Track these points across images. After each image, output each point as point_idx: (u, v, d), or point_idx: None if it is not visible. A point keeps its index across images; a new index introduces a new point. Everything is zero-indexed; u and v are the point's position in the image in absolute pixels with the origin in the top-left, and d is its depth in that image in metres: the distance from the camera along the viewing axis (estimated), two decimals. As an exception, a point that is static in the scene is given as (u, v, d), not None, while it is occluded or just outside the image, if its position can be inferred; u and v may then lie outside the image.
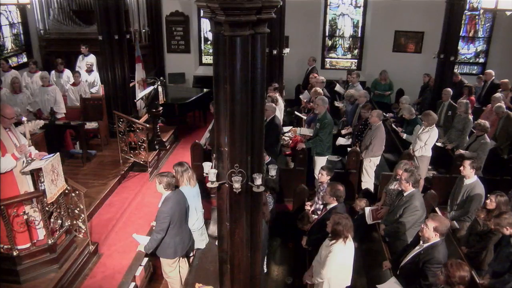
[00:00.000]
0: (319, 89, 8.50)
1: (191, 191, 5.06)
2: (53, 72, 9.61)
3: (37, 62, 10.08)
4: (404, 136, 7.80)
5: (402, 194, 5.21)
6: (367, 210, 5.60)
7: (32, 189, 4.70)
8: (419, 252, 4.29)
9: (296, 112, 9.37)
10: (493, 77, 9.78)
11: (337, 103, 9.78)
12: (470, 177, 5.55)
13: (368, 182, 7.07)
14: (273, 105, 7.24)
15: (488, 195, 5.04)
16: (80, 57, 10.19)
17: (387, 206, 5.70)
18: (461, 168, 5.59)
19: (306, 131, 7.77)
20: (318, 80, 9.33)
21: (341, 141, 7.93)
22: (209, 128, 8.60)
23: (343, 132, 8.42)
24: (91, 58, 10.00)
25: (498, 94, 8.30)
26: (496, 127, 7.74)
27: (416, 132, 7.33)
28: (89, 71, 9.68)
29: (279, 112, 7.96)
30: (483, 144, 6.79)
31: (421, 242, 4.36)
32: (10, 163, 4.41)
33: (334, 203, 4.99)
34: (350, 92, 8.84)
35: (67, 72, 9.61)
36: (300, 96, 10.09)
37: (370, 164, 6.97)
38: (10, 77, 8.64)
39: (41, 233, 4.78)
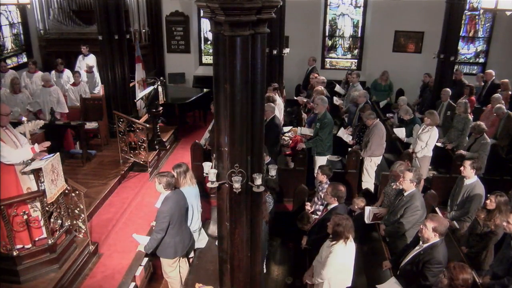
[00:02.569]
0: (321, 88, 8.50)
1: (193, 191, 5.08)
2: (53, 72, 9.62)
3: (36, 62, 10.08)
4: (405, 140, 7.79)
5: (402, 194, 5.21)
6: (367, 209, 5.60)
7: (35, 187, 4.70)
8: (419, 253, 4.29)
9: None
10: (494, 77, 9.77)
11: (336, 101, 9.79)
12: (471, 177, 5.55)
13: (368, 182, 7.07)
14: (272, 104, 7.24)
15: (488, 195, 5.04)
16: (80, 57, 10.20)
17: (385, 207, 5.70)
18: (462, 168, 5.59)
19: (306, 130, 7.77)
20: (319, 80, 9.33)
21: (341, 133, 7.91)
22: (209, 128, 8.60)
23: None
24: (91, 60, 9.99)
25: (497, 95, 8.30)
26: (497, 127, 7.74)
27: (416, 132, 7.34)
28: (89, 72, 9.70)
29: (278, 112, 7.95)
30: (483, 145, 6.79)
31: (420, 242, 4.36)
32: (26, 154, 4.46)
33: (335, 203, 5.00)
34: (355, 94, 8.88)
35: (67, 72, 9.62)
36: (296, 98, 10.10)
37: (371, 164, 6.97)
38: (9, 77, 8.65)
39: (44, 232, 4.78)
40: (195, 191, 5.16)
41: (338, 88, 10.59)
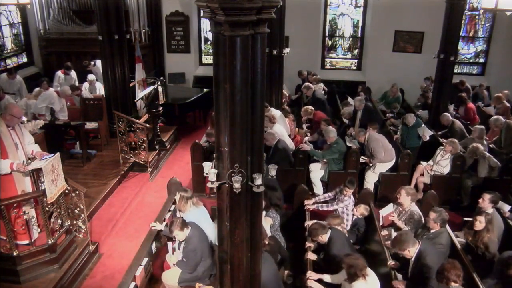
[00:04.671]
0: (310, 108, 8.69)
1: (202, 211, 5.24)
2: (59, 73, 9.67)
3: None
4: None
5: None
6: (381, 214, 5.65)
7: (29, 189, 4.70)
8: (412, 265, 4.41)
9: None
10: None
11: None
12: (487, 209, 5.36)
13: (369, 182, 7.06)
14: (272, 132, 6.96)
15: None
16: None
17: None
18: (480, 200, 5.39)
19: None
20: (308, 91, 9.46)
21: (348, 143, 7.87)
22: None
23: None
24: (99, 67, 10.02)
25: (479, 126, 7.69)
26: (498, 136, 7.75)
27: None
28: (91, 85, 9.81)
29: (283, 122, 7.84)
30: (489, 158, 6.69)
31: None
32: (4, 169, 4.43)
33: (327, 233, 4.92)
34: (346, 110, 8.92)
35: (73, 74, 9.74)
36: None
37: (382, 168, 6.95)
38: (18, 84, 8.91)
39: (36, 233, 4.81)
40: (203, 210, 5.30)
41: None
